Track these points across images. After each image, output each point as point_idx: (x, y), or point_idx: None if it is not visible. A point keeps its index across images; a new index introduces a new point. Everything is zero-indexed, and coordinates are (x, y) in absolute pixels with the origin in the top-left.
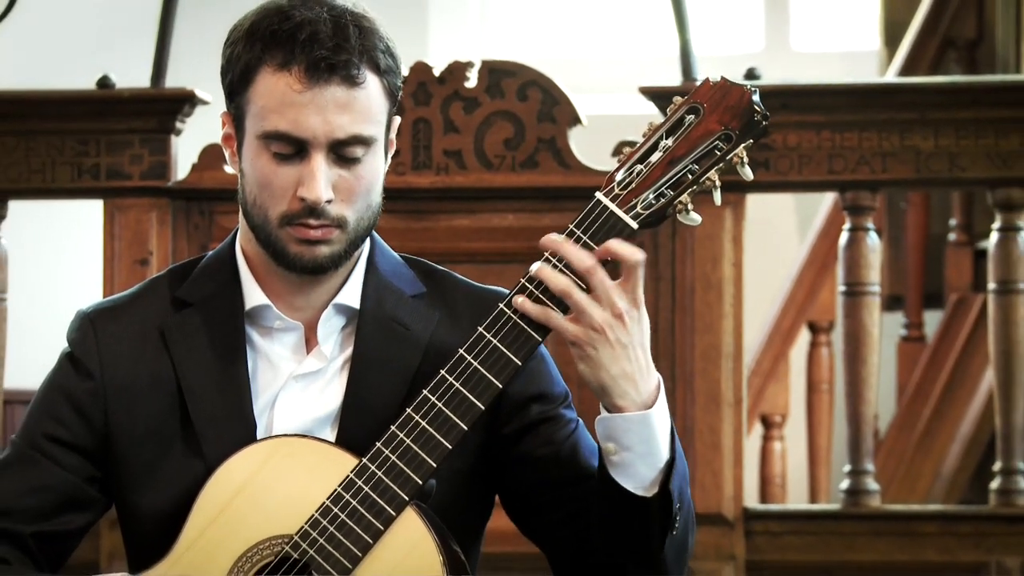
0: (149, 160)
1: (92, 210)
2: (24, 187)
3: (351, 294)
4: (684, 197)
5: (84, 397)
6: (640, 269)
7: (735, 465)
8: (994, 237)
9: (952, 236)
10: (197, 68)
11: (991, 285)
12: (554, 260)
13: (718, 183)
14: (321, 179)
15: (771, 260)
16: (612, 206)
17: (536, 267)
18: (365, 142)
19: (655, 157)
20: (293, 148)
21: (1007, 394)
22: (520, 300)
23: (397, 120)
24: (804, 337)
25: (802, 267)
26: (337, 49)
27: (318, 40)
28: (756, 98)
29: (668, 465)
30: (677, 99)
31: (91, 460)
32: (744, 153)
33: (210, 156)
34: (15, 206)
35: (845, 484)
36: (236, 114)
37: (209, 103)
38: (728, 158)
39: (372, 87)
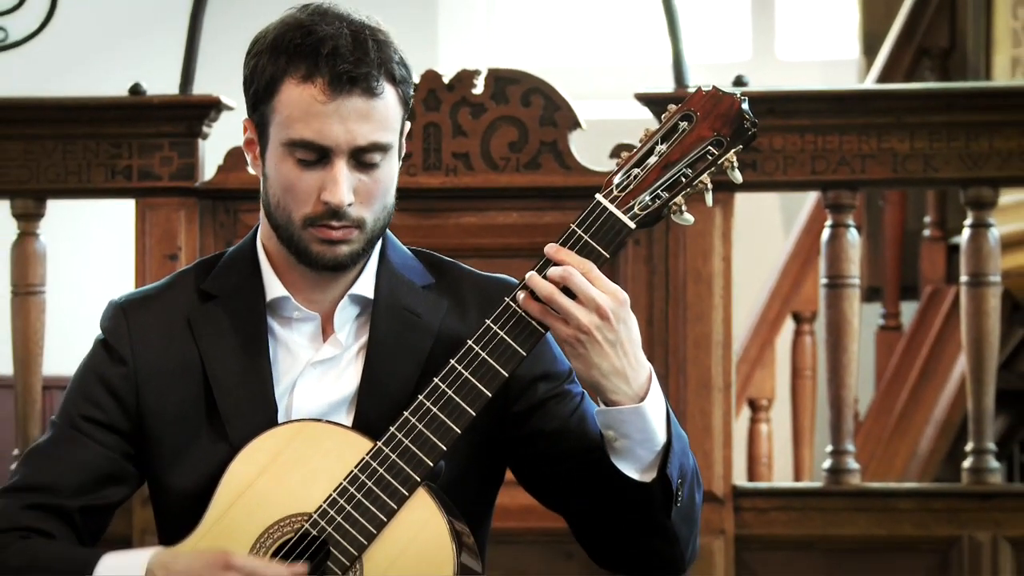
0: (178, 162)
1: (125, 209)
2: (61, 187)
3: (365, 285)
4: (678, 199)
5: (117, 381)
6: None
7: (724, 446)
8: (966, 233)
9: (927, 232)
10: (222, 75)
11: (963, 278)
12: (543, 268)
13: (710, 185)
14: (343, 184)
15: (758, 255)
16: (611, 207)
17: (529, 275)
18: (383, 148)
19: (651, 161)
20: (316, 155)
21: (978, 379)
22: (522, 298)
23: (408, 125)
24: (789, 326)
25: (787, 261)
26: (358, 62)
27: (340, 54)
28: (745, 106)
29: (666, 447)
30: (671, 107)
31: (125, 438)
32: (734, 158)
33: (234, 158)
34: (53, 205)
35: (827, 463)
36: (259, 122)
37: (233, 109)
38: (719, 162)
39: (389, 97)
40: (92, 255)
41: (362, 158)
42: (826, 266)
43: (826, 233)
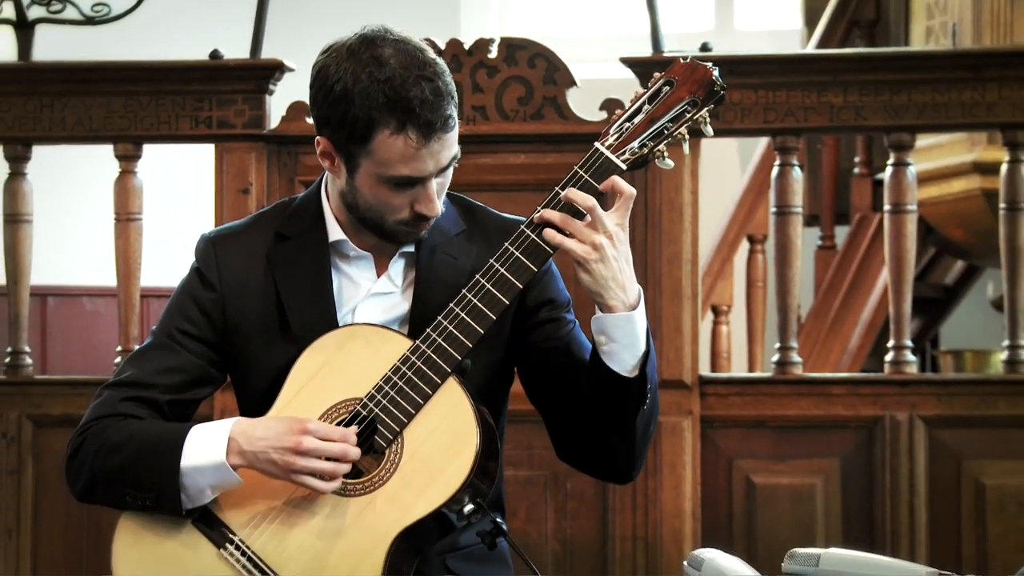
0: (249, 114)
1: (206, 152)
2: (155, 134)
3: None
4: (661, 147)
5: (207, 303)
6: (631, 202)
7: (692, 343)
8: (888, 170)
9: (856, 170)
10: (284, 42)
11: (886, 207)
12: (551, 201)
13: (687, 137)
14: (436, 200)
15: (720, 188)
16: (607, 153)
17: (543, 210)
18: (456, 157)
19: (639, 118)
20: (410, 181)
21: (898, 289)
22: (541, 224)
23: None
24: (744, 246)
25: (743, 193)
26: (438, 109)
27: (427, 105)
28: (716, 74)
29: (645, 355)
30: (656, 74)
31: (212, 349)
32: (707, 115)
33: (295, 111)
34: (148, 149)
35: (775, 357)
36: (348, 153)
37: (294, 70)
38: (695, 118)
39: (457, 121)
40: (179, 189)
41: (443, 171)
42: (775, 197)
43: (775, 171)
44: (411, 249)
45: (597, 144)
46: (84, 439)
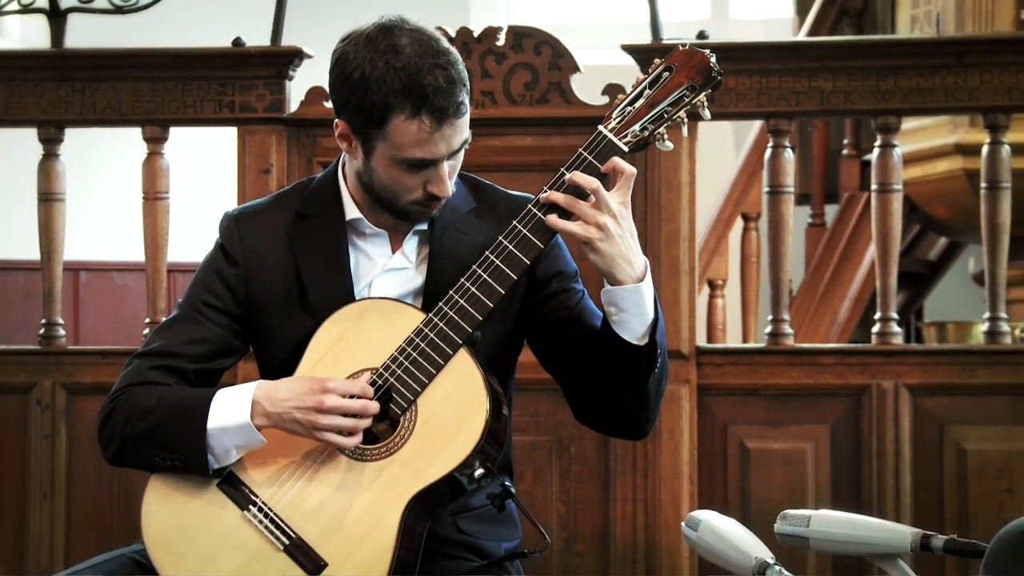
0: (270, 98)
1: (229, 134)
2: (181, 117)
3: None
4: (661, 130)
5: (231, 278)
6: (632, 180)
7: (689, 316)
8: (876, 152)
9: (845, 151)
10: (302, 31)
11: (873, 186)
12: (556, 182)
13: (685, 120)
14: (448, 181)
15: (716, 169)
16: (610, 135)
17: (547, 192)
18: (467, 141)
19: (640, 102)
20: (423, 163)
21: (884, 264)
22: (545, 210)
23: None
24: (739, 224)
25: (737, 174)
26: (450, 96)
27: (440, 92)
28: (714, 61)
29: (653, 323)
30: (657, 60)
31: (236, 321)
32: (704, 99)
33: (313, 96)
34: (174, 131)
35: (768, 329)
36: (365, 136)
37: (312, 57)
38: (693, 103)
39: (468, 107)
40: (204, 170)
41: (455, 153)
42: (768, 177)
43: (768, 152)
44: (424, 227)
45: (600, 127)
46: (115, 406)
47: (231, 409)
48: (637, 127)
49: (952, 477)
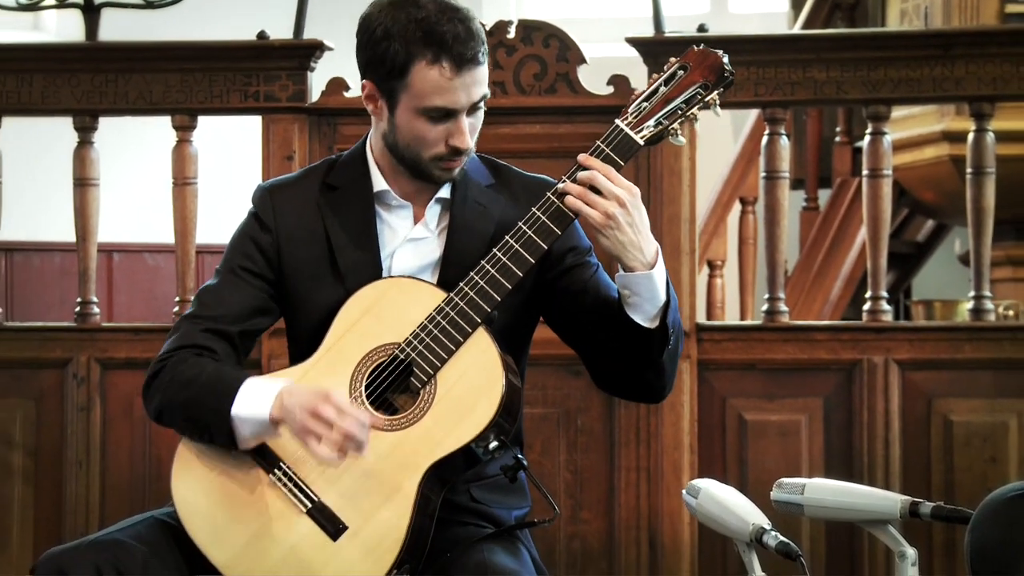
0: (293, 88)
1: (254, 123)
2: (208, 107)
3: (446, 186)
4: (675, 125)
5: (265, 243)
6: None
7: (690, 294)
8: (866, 139)
9: (837, 138)
10: (324, 24)
11: (864, 172)
12: (574, 172)
13: (698, 117)
14: (468, 133)
15: (715, 155)
16: (627, 129)
17: (566, 182)
18: (486, 97)
19: (656, 98)
20: (444, 114)
21: (874, 245)
22: (563, 192)
23: None
24: (737, 207)
25: (735, 160)
26: (470, 44)
27: (459, 40)
28: (726, 61)
29: (665, 304)
30: (672, 59)
31: (270, 284)
32: (716, 97)
33: (333, 86)
34: (202, 120)
35: (764, 307)
36: (388, 89)
37: (333, 49)
38: (705, 100)
39: (486, 59)
40: (230, 156)
41: (474, 107)
42: (764, 163)
43: (764, 139)
44: (446, 195)
45: (617, 121)
46: (163, 367)
47: (255, 401)
48: (652, 122)
49: (939, 447)
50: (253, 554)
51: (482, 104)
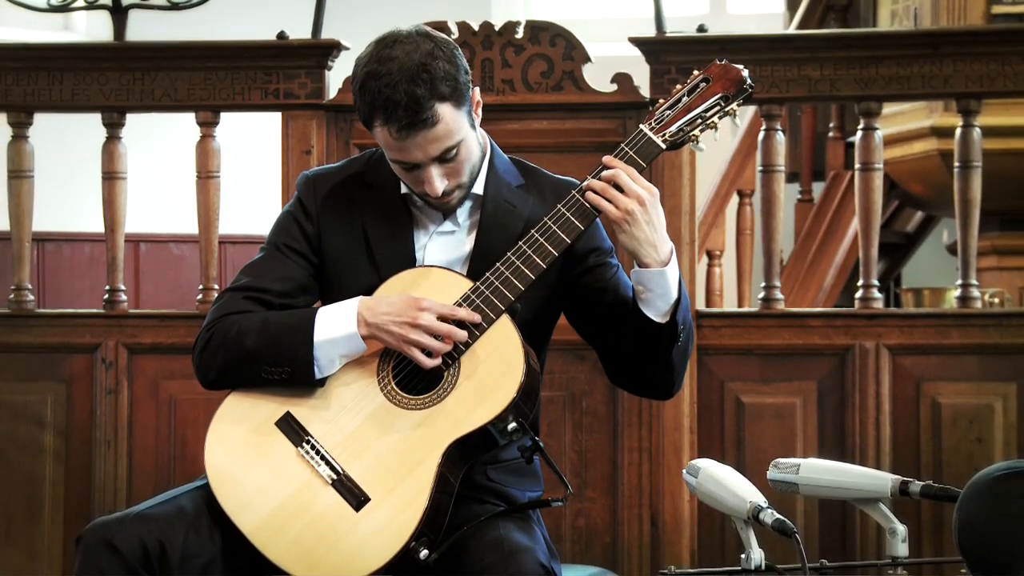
0: (311, 86)
1: (274, 119)
2: (230, 103)
3: (478, 184)
4: (695, 132)
5: (307, 226)
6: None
7: (690, 282)
8: (859, 134)
9: (831, 133)
10: (341, 23)
11: (856, 165)
12: (599, 172)
13: (718, 126)
14: (435, 182)
15: (714, 149)
16: (651, 134)
17: (590, 179)
18: (456, 146)
19: (679, 106)
20: (408, 165)
21: (866, 235)
22: (586, 189)
23: (476, 91)
24: (735, 200)
25: (733, 154)
26: (417, 112)
27: (407, 109)
28: (746, 74)
29: (676, 302)
30: (695, 72)
31: (311, 264)
32: (736, 108)
33: (350, 84)
34: (225, 116)
35: (761, 294)
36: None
37: (349, 48)
38: (726, 110)
39: (445, 114)
40: (251, 151)
41: (443, 157)
42: (761, 157)
43: (761, 134)
44: (479, 191)
45: (642, 126)
46: (213, 332)
47: (337, 322)
48: (674, 128)
49: (927, 429)
50: (279, 522)
51: (454, 152)
